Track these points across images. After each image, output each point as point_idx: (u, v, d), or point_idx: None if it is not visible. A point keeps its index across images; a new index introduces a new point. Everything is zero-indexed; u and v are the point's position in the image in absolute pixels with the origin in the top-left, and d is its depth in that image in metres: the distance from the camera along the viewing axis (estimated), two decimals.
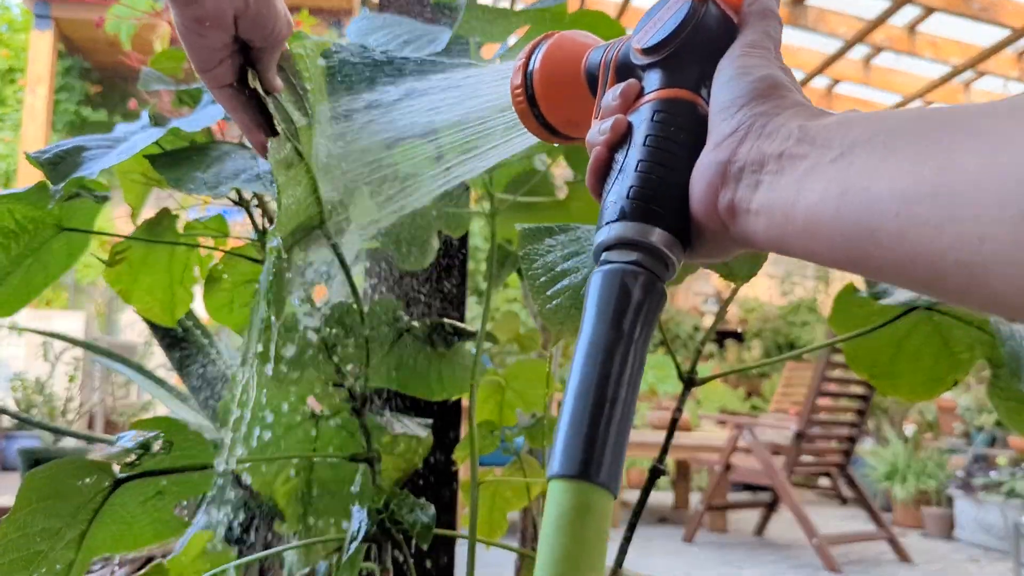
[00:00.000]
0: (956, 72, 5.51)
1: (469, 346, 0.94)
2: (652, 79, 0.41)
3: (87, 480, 0.72)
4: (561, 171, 1.10)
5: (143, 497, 0.79)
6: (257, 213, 0.90)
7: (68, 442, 3.13)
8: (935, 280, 0.29)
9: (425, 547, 0.78)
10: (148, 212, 0.94)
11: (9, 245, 0.81)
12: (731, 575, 3.70)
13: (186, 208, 0.96)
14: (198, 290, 1.02)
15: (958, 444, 5.42)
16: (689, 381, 0.89)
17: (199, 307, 1.03)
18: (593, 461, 0.33)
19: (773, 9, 0.41)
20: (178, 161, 0.75)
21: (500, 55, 0.86)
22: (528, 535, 1.32)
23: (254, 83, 0.63)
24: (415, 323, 0.91)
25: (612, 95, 0.42)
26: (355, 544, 0.75)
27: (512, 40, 0.86)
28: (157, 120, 0.82)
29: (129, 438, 0.76)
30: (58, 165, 0.74)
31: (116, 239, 0.92)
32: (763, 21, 0.40)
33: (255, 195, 0.89)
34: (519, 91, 0.49)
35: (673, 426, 0.90)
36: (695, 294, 8.01)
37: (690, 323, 7.71)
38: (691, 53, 0.40)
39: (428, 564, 1.19)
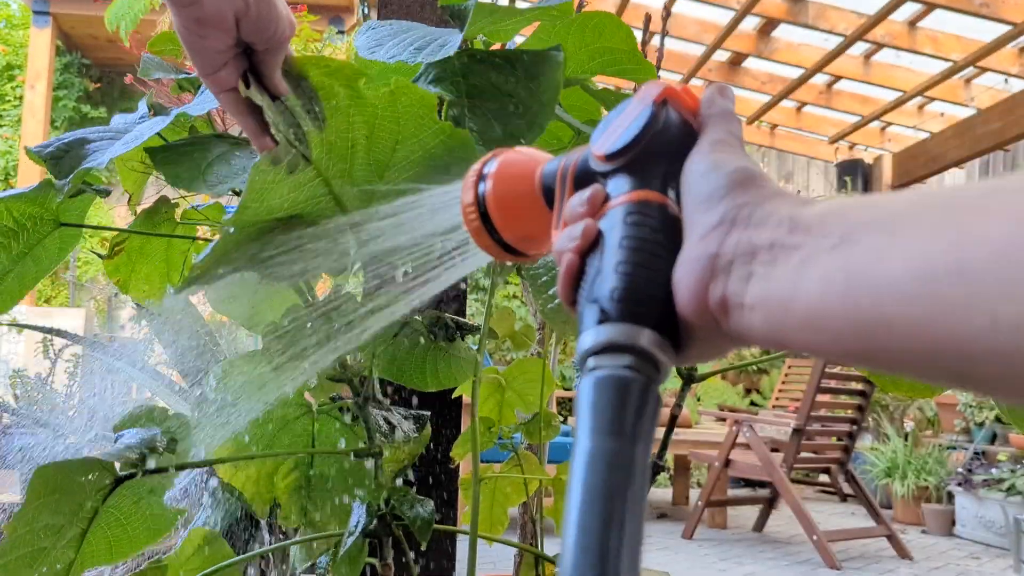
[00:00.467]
0: (957, 68, 5.50)
1: (468, 340, 0.94)
2: (617, 184, 0.41)
3: (90, 476, 0.72)
4: None
5: (137, 497, 0.79)
6: None
7: (68, 439, 3.13)
8: (965, 369, 0.26)
9: (424, 543, 0.78)
10: (146, 198, 0.94)
11: (9, 244, 0.80)
12: (731, 571, 3.70)
13: (186, 198, 0.96)
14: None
15: (958, 440, 5.43)
16: (688, 377, 0.89)
17: (202, 301, 1.03)
18: None
19: (731, 110, 0.41)
20: (178, 157, 0.75)
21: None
22: (528, 530, 1.32)
23: (247, 93, 0.62)
24: (416, 316, 0.91)
25: (578, 201, 0.41)
26: (352, 539, 0.75)
27: (519, 39, 0.86)
28: (156, 109, 0.81)
29: (130, 436, 0.77)
30: (61, 159, 0.74)
31: (113, 242, 0.92)
32: (724, 121, 0.40)
33: None
34: (471, 208, 0.49)
35: (673, 422, 0.91)
36: None
37: None
38: (654, 156, 0.40)
39: (430, 562, 1.19)
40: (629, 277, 0.37)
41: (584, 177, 0.44)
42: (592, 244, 0.39)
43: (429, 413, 0.93)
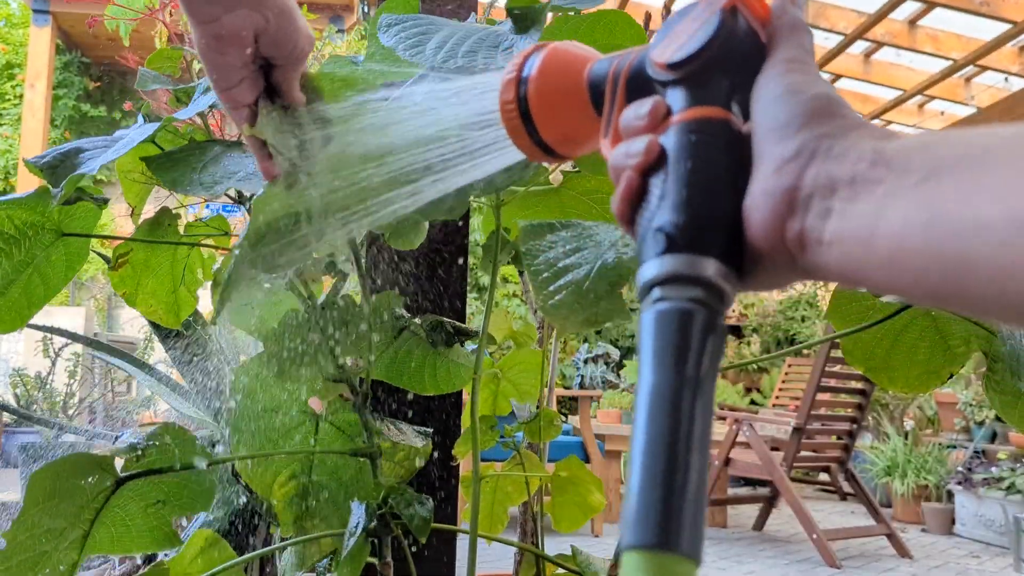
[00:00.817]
0: (957, 67, 5.50)
1: (467, 344, 0.94)
2: (678, 96, 0.38)
3: (90, 479, 0.72)
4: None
5: (144, 503, 0.79)
6: None
7: (68, 438, 3.13)
8: None
9: (423, 540, 0.78)
10: (148, 211, 0.94)
11: (11, 251, 0.81)
12: (730, 570, 3.70)
13: (187, 205, 0.96)
14: (202, 292, 1.02)
15: (958, 439, 5.43)
16: None
17: (202, 300, 1.03)
18: (673, 528, 0.30)
19: (803, 21, 0.39)
20: (174, 162, 0.75)
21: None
22: (528, 529, 1.32)
23: (251, 132, 0.61)
24: (416, 319, 0.91)
25: (635, 114, 0.39)
26: (353, 540, 0.75)
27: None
28: (152, 120, 0.82)
29: (130, 434, 0.77)
30: (56, 168, 0.74)
31: (117, 253, 0.92)
32: (796, 34, 0.38)
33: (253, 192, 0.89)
34: (511, 106, 0.46)
35: None
36: None
37: None
38: (720, 68, 0.38)
39: (430, 561, 1.19)
40: (695, 204, 0.35)
41: (639, 84, 0.41)
42: (654, 162, 0.37)
43: (431, 430, 0.93)
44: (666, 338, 0.33)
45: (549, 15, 0.84)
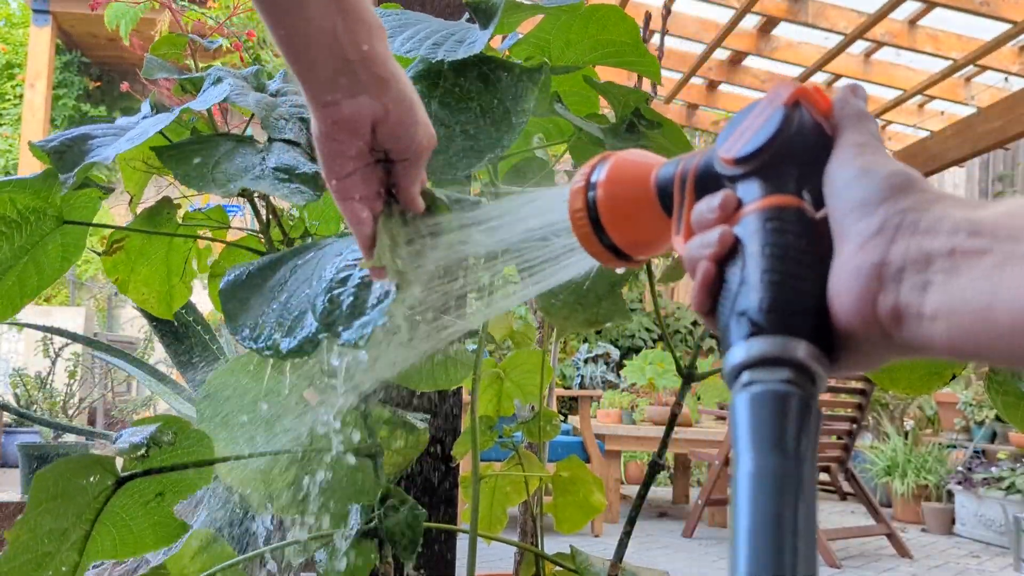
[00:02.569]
0: (957, 67, 5.50)
1: (467, 343, 0.94)
2: (749, 189, 0.39)
3: (91, 479, 0.72)
4: (562, 165, 1.10)
5: (144, 499, 0.79)
6: (260, 205, 0.89)
7: (68, 438, 3.13)
8: None
9: (406, 559, 0.77)
10: (146, 200, 0.94)
11: (12, 235, 0.80)
12: None
13: (189, 196, 0.95)
14: (197, 287, 1.01)
15: (958, 439, 5.43)
16: (688, 376, 0.89)
17: (202, 301, 1.03)
18: None
19: (866, 110, 0.40)
20: (185, 155, 0.74)
21: (508, 47, 0.86)
22: (528, 529, 1.32)
23: (378, 260, 0.57)
24: (417, 318, 0.91)
25: (707, 207, 0.40)
26: (348, 542, 0.75)
27: (520, 33, 0.86)
28: (160, 109, 0.81)
29: (129, 434, 0.77)
30: (64, 154, 0.73)
31: (112, 238, 0.92)
32: (860, 123, 0.39)
33: None
34: (580, 214, 0.47)
35: (673, 421, 0.91)
36: None
37: (690, 318, 7.71)
38: (788, 159, 0.39)
39: (430, 561, 1.19)
40: (778, 286, 0.36)
41: (708, 181, 0.42)
42: (729, 252, 0.38)
43: (428, 416, 0.93)
44: (762, 421, 0.33)
45: (539, 16, 0.84)
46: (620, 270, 0.96)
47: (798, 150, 0.39)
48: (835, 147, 0.39)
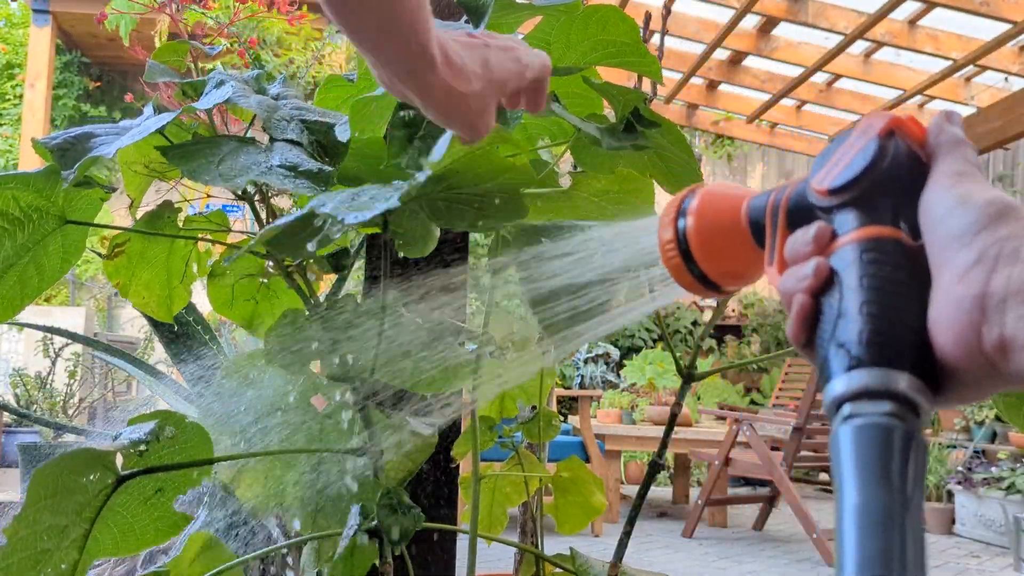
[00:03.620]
0: (957, 67, 5.50)
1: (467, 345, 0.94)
2: (844, 220, 0.39)
3: (91, 477, 0.72)
4: (563, 165, 1.10)
5: (144, 496, 0.79)
6: (260, 207, 0.89)
7: (68, 438, 3.13)
8: None
9: (398, 552, 0.78)
10: (146, 204, 0.94)
11: (14, 232, 0.80)
12: (730, 570, 3.70)
13: (190, 201, 0.95)
14: (197, 288, 1.01)
15: (958, 439, 5.43)
16: (688, 376, 0.89)
17: (202, 301, 1.03)
18: None
19: (962, 137, 0.40)
20: (191, 153, 0.75)
21: None
22: (528, 530, 1.32)
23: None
24: (418, 319, 0.91)
25: (802, 239, 0.40)
26: (345, 542, 0.75)
27: (519, 35, 0.86)
28: (162, 111, 0.81)
29: (127, 433, 0.77)
30: (67, 151, 0.74)
31: (114, 243, 0.92)
32: (957, 150, 0.39)
33: (258, 189, 0.89)
34: (671, 246, 0.48)
35: (672, 420, 0.91)
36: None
37: (689, 318, 7.71)
38: (883, 189, 0.39)
39: (430, 561, 1.19)
40: (877, 318, 0.35)
41: (801, 213, 0.42)
42: (825, 283, 0.38)
43: (436, 421, 0.93)
44: (866, 455, 0.33)
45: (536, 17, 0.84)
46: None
47: (893, 180, 0.39)
48: (931, 176, 0.38)
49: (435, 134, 0.72)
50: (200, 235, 0.94)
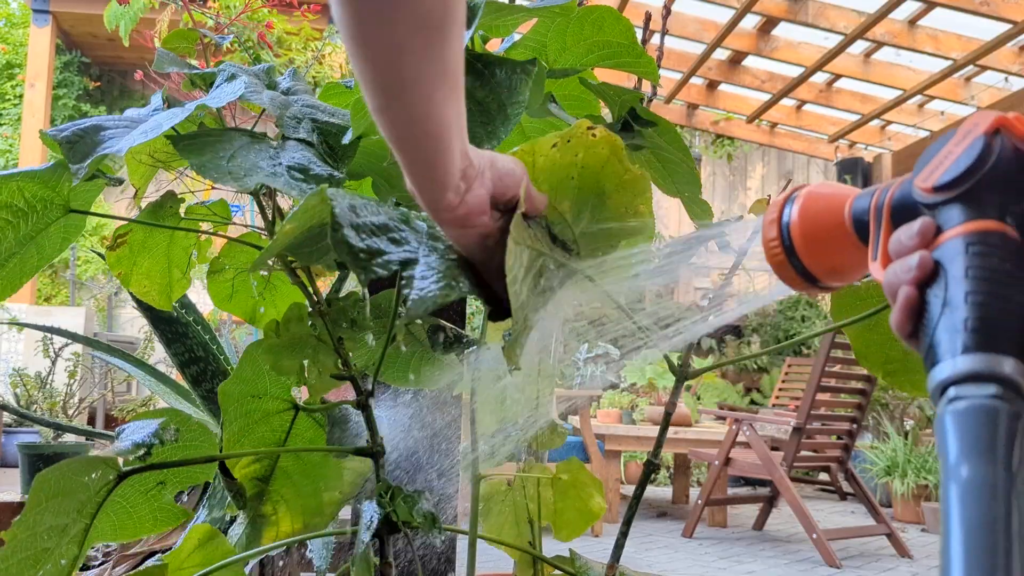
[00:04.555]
0: (957, 67, 5.50)
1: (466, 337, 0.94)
2: (949, 215, 0.41)
3: (93, 476, 0.72)
4: None
5: (145, 488, 0.80)
6: (267, 204, 0.89)
7: (68, 438, 3.13)
8: None
9: (439, 535, 0.78)
10: (148, 194, 0.94)
11: (18, 224, 0.80)
12: (730, 570, 3.70)
13: (194, 192, 0.95)
14: (197, 288, 1.02)
15: None
16: (681, 374, 0.89)
17: (201, 301, 1.03)
18: None
19: None
20: (201, 146, 0.74)
21: (505, 50, 0.86)
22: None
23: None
24: (418, 321, 0.91)
25: (907, 235, 0.42)
26: (368, 534, 0.75)
27: (516, 36, 0.86)
28: (171, 103, 0.81)
29: (130, 430, 0.77)
30: (76, 144, 0.73)
31: (117, 233, 0.92)
32: None
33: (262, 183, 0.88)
34: (775, 244, 0.51)
35: (667, 419, 0.91)
36: (696, 289, 8.02)
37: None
38: (989, 186, 0.40)
39: (430, 561, 1.19)
40: (983, 307, 0.37)
41: (905, 210, 0.44)
42: (930, 276, 0.40)
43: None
44: (971, 434, 0.34)
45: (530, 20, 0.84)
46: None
47: (999, 176, 0.40)
48: None
49: None
50: (201, 227, 0.94)
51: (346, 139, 0.80)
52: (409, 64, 0.52)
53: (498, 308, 0.65)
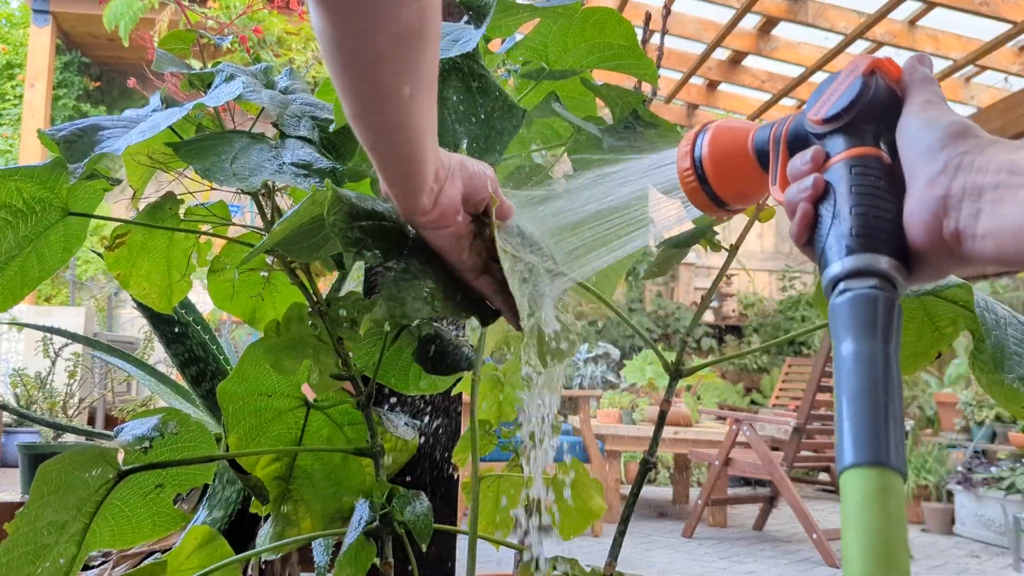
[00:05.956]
0: (957, 67, 5.50)
1: (464, 350, 0.94)
2: (835, 143, 0.49)
3: (94, 472, 0.72)
4: (560, 167, 1.10)
5: (144, 491, 0.80)
6: (266, 204, 0.89)
7: (68, 438, 3.13)
8: None
9: (425, 544, 0.78)
10: (147, 195, 0.93)
11: (17, 224, 0.80)
12: (731, 570, 3.70)
13: (194, 193, 0.95)
14: (197, 288, 1.01)
15: (958, 439, 5.43)
16: (676, 372, 0.90)
17: (201, 301, 1.03)
18: (883, 449, 0.38)
19: (931, 75, 0.49)
20: (202, 150, 0.74)
21: (506, 50, 0.86)
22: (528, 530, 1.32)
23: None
24: (416, 321, 0.90)
25: (801, 161, 0.49)
26: (354, 536, 0.75)
27: (518, 36, 0.86)
28: (169, 103, 0.81)
29: (131, 426, 0.77)
30: (74, 143, 0.73)
31: (115, 234, 0.92)
32: (926, 85, 0.48)
33: (263, 183, 0.88)
34: (688, 172, 0.58)
35: (663, 418, 0.91)
36: (695, 289, 8.01)
37: (689, 318, 7.72)
38: (866, 117, 0.48)
39: (431, 561, 1.19)
40: (864, 217, 0.45)
41: (798, 139, 0.52)
42: (823, 194, 0.47)
43: (418, 423, 0.93)
44: (857, 316, 0.42)
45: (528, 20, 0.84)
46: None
47: (875, 109, 0.48)
48: (905, 105, 0.48)
49: None
50: (201, 228, 0.94)
51: (332, 127, 0.81)
52: (387, 74, 0.55)
53: (481, 308, 0.69)
